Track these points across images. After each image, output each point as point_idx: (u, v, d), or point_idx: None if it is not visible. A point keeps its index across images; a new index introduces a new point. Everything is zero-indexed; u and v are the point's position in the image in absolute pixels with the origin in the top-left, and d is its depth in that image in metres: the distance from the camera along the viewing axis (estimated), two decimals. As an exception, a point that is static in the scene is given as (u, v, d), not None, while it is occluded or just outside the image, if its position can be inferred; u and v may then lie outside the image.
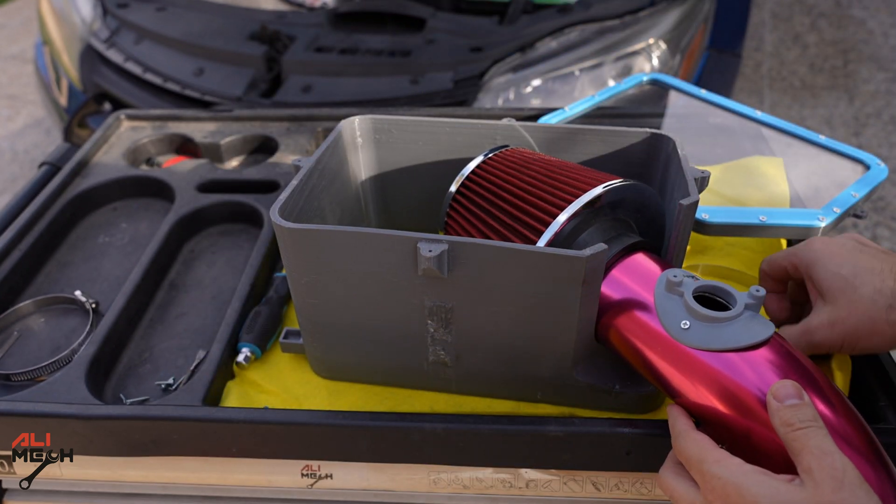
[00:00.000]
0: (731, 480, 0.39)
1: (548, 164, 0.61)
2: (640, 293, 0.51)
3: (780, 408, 0.41)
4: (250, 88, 1.60)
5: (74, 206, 0.87)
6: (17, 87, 3.23)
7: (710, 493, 0.40)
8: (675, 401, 0.48)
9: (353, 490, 0.60)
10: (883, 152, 2.56)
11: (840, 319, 0.51)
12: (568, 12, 1.71)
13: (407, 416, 0.55)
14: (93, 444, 0.57)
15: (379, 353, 0.60)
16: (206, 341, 0.69)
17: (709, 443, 0.43)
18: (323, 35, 1.74)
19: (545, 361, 0.57)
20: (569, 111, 0.92)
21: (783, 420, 0.40)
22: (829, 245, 0.54)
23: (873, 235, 2.16)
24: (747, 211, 0.67)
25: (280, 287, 0.73)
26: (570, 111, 0.92)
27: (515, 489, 0.59)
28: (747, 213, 0.67)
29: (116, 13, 1.82)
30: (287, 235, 0.54)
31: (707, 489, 0.41)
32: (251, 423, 0.55)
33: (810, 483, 0.37)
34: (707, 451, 0.42)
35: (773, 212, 0.67)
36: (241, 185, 0.89)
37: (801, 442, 0.39)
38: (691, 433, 0.44)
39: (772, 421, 0.41)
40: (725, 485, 0.39)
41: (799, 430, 0.39)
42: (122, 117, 1.04)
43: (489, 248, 0.50)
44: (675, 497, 0.44)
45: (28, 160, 2.70)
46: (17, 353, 0.69)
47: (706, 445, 0.43)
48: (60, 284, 0.78)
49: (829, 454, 0.38)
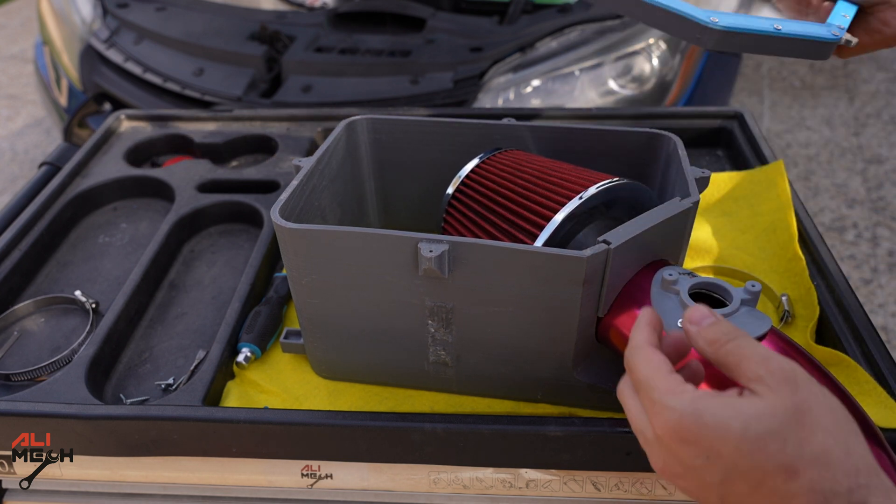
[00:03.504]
0: (688, 410, 0.36)
1: (543, 164, 0.61)
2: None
3: (700, 329, 0.40)
4: (250, 88, 1.60)
5: (74, 206, 0.87)
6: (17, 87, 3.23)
7: (661, 425, 0.37)
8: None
9: (353, 490, 0.60)
10: (883, 152, 2.56)
11: None
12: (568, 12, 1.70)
13: (407, 417, 0.55)
14: (93, 444, 0.57)
15: (379, 354, 0.60)
16: (206, 341, 0.69)
17: (663, 366, 0.39)
18: (323, 35, 1.74)
19: (545, 361, 0.57)
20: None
21: (708, 339, 0.39)
22: None
23: (873, 235, 2.17)
24: (761, 20, 0.58)
25: (280, 287, 0.73)
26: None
27: (515, 489, 0.59)
28: (761, 21, 0.58)
29: (116, 13, 1.82)
30: (287, 236, 0.54)
31: (658, 421, 0.37)
32: (251, 423, 0.55)
33: (764, 390, 0.36)
34: (658, 378, 0.38)
35: (789, 23, 0.59)
36: (241, 185, 0.89)
37: (736, 354, 0.38)
38: (646, 350, 0.40)
39: (696, 346, 0.40)
40: (682, 417, 0.36)
41: (729, 344, 0.38)
42: (122, 117, 1.04)
43: (490, 248, 0.50)
44: (627, 413, 0.41)
45: (28, 160, 2.70)
46: (17, 353, 0.69)
47: (660, 368, 0.38)
48: (60, 284, 0.78)
49: (771, 358, 0.37)
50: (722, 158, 0.96)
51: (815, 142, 2.65)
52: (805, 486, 0.33)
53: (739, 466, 0.35)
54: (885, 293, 1.95)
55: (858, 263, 2.06)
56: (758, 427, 0.34)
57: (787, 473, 0.34)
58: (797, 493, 0.34)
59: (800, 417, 0.34)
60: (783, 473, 0.34)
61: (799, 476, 0.34)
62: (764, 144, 0.90)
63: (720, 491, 0.36)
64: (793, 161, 2.53)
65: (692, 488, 0.38)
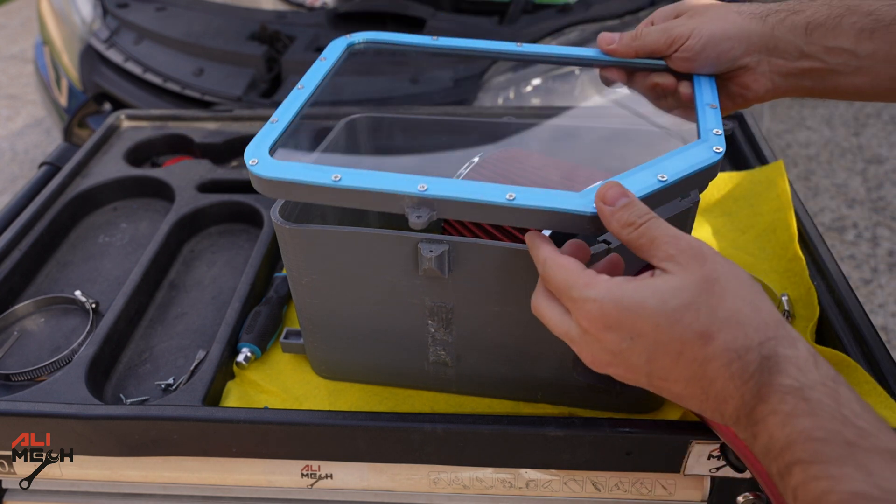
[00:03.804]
0: (608, 297, 0.38)
1: (543, 163, 0.61)
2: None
3: (613, 210, 0.41)
4: (250, 88, 1.60)
5: (74, 206, 0.87)
6: (17, 87, 3.23)
7: (585, 318, 0.39)
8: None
9: (353, 490, 0.60)
10: (883, 152, 2.56)
11: (696, 13, 0.56)
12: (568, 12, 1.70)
13: (407, 417, 0.55)
14: (93, 444, 0.57)
15: (379, 354, 0.60)
16: (206, 341, 0.69)
17: (576, 266, 0.41)
18: (323, 35, 1.74)
19: (545, 361, 0.57)
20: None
21: (622, 222, 0.41)
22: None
23: (873, 235, 2.17)
24: (644, 173, 0.47)
25: (280, 287, 0.73)
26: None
27: (515, 489, 0.59)
28: (645, 175, 0.46)
29: (116, 13, 1.82)
30: (287, 236, 0.54)
31: (581, 315, 0.39)
32: (251, 423, 0.55)
33: (675, 267, 0.38)
34: (575, 276, 0.40)
35: (671, 164, 0.48)
36: (241, 185, 0.89)
37: (648, 235, 0.39)
38: (557, 258, 0.42)
39: (610, 227, 0.41)
40: (602, 304, 0.38)
41: (642, 226, 0.40)
42: (122, 117, 1.04)
43: (490, 248, 0.50)
44: (549, 324, 0.43)
45: (28, 160, 2.70)
46: (17, 353, 0.69)
47: (573, 269, 0.41)
48: (60, 284, 0.78)
49: (680, 237, 0.39)
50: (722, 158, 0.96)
51: (815, 142, 2.65)
52: (720, 347, 0.36)
53: (660, 341, 0.37)
54: (885, 293, 1.95)
55: (858, 263, 2.06)
56: (673, 301, 0.37)
57: (703, 339, 0.36)
58: (713, 355, 0.36)
59: (709, 287, 0.37)
60: (699, 340, 0.36)
61: (714, 339, 0.36)
62: (764, 144, 0.90)
63: (647, 369, 0.39)
64: (793, 161, 2.53)
65: (622, 373, 0.40)
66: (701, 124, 0.51)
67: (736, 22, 0.54)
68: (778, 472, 0.34)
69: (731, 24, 0.54)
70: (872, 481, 0.30)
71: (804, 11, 0.53)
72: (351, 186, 0.47)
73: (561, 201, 0.44)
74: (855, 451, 0.31)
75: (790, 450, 0.33)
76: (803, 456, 0.32)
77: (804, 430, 0.33)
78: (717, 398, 0.37)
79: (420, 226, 0.46)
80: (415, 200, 0.46)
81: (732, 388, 0.36)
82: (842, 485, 0.31)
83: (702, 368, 0.37)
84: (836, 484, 0.31)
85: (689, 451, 0.53)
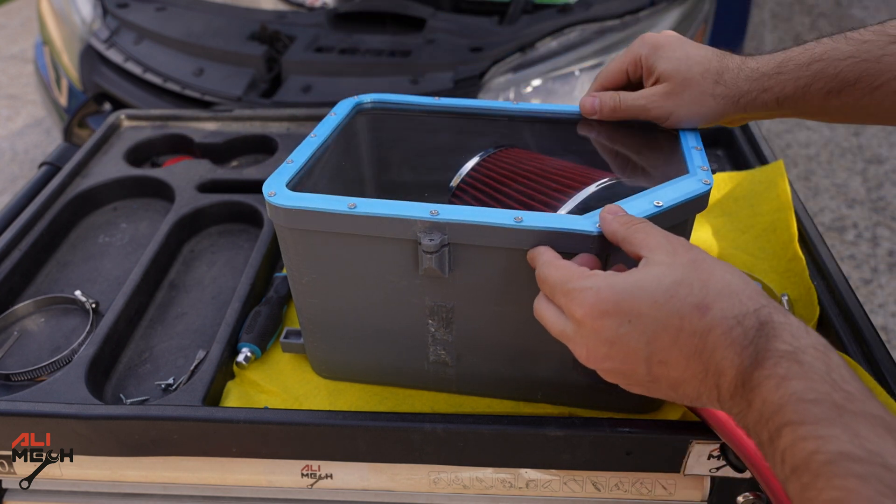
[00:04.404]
0: (602, 284, 0.40)
1: (543, 162, 0.61)
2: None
3: (615, 216, 0.46)
4: (250, 88, 1.60)
5: (74, 206, 0.87)
6: (17, 87, 3.23)
7: (580, 308, 0.40)
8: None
9: (353, 490, 0.60)
10: (883, 152, 2.56)
11: (674, 92, 0.58)
12: (568, 12, 1.70)
13: (407, 417, 0.55)
14: (93, 444, 0.57)
15: (380, 353, 0.60)
16: (206, 341, 0.69)
17: (571, 265, 0.43)
18: (323, 35, 1.74)
19: (545, 361, 0.57)
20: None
21: (623, 222, 0.45)
22: (661, 37, 0.60)
23: (873, 235, 2.17)
24: (642, 201, 0.50)
25: (280, 287, 0.73)
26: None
27: (515, 489, 0.59)
28: (642, 203, 0.50)
29: (116, 13, 1.82)
30: (288, 236, 0.54)
31: (577, 306, 0.41)
32: (251, 423, 0.55)
33: (664, 255, 0.41)
34: (571, 270, 0.43)
35: (666, 193, 0.51)
36: (241, 185, 0.89)
37: (642, 231, 0.43)
38: (557, 261, 0.44)
39: (610, 227, 0.45)
40: (598, 291, 0.40)
41: (638, 224, 0.44)
42: (122, 117, 1.04)
43: (490, 248, 0.50)
44: (547, 324, 0.44)
45: (28, 160, 2.70)
46: (17, 353, 0.69)
47: (569, 267, 0.43)
48: (60, 284, 0.77)
49: (670, 235, 0.43)
50: (722, 158, 0.96)
51: (815, 142, 2.65)
52: (718, 316, 0.38)
53: (659, 318, 0.39)
54: (885, 293, 1.95)
55: (858, 263, 2.06)
56: (666, 279, 0.39)
57: (700, 310, 0.38)
58: (712, 324, 0.38)
59: (698, 265, 0.40)
60: (697, 311, 0.38)
61: (711, 309, 0.38)
62: (764, 144, 0.90)
63: (646, 352, 0.40)
64: (793, 161, 2.53)
65: (618, 366, 0.41)
66: (689, 162, 0.55)
67: (711, 107, 0.58)
68: (769, 436, 0.34)
69: (708, 110, 0.58)
70: (859, 443, 0.31)
71: (773, 88, 0.56)
72: (366, 213, 0.50)
73: (567, 222, 0.48)
74: (843, 413, 0.32)
75: (781, 412, 0.34)
76: (793, 417, 0.33)
77: (795, 392, 0.34)
78: (716, 371, 0.38)
79: (432, 248, 0.49)
80: (427, 225, 0.49)
81: (733, 354, 0.37)
82: (829, 445, 0.31)
83: (702, 341, 0.38)
84: (823, 444, 0.31)
85: (689, 451, 0.53)
